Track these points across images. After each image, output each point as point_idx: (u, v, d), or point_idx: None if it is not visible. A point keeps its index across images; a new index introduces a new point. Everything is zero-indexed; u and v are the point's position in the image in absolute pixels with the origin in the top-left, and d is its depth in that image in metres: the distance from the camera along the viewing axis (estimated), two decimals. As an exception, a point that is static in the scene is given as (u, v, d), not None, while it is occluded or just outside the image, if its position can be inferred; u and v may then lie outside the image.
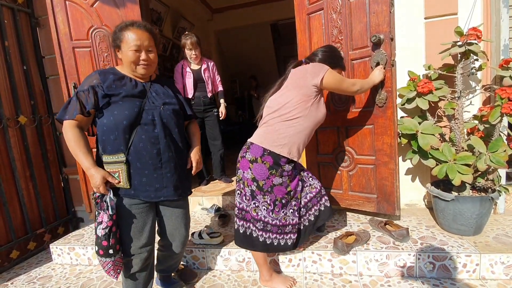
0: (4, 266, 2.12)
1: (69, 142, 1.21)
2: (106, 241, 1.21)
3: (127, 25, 1.26)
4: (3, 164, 2.18)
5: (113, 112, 1.21)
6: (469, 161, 1.60)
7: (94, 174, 1.20)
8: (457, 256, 1.56)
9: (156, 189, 1.30)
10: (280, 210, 1.45)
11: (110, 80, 1.23)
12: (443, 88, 1.77)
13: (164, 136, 1.28)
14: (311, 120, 1.42)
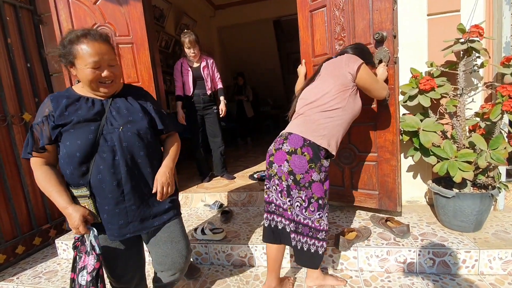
0: (10, 261, 2.16)
1: (39, 184, 1.08)
2: (94, 286, 1.06)
3: (79, 36, 1.04)
4: (8, 161, 2.21)
5: (65, 144, 1.05)
6: (470, 158, 1.61)
7: (72, 213, 1.04)
8: (456, 252, 1.58)
9: (120, 226, 1.11)
10: (316, 211, 1.31)
11: (62, 107, 1.06)
12: (445, 85, 1.78)
13: (126, 163, 1.09)
14: (349, 111, 1.36)
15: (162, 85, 2.52)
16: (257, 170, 3.16)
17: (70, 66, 1.08)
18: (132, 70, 2.26)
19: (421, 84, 1.75)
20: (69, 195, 1.08)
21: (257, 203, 2.47)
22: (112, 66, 1.09)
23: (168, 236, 1.22)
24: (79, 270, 1.08)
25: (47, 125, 1.05)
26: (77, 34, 1.04)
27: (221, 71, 4.08)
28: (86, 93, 1.12)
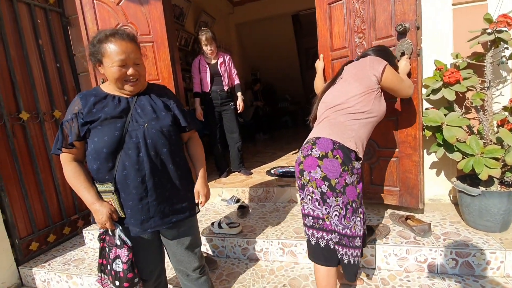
0: (42, 248, 2.32)
1: (68, 179, 1.14)
2: (132, 272, 1.15)
3: (107, 35, 1.09)
4: (41, 156, 2.37)
5: (93, 140, 1.10)
6: (497, 154, 1.53)
7: (99, 209, 1.10)
8: (481, 253, 1.51)
9: (142, 221, 1.15)
10: (351, 216, 1.24)
11: (90, 104, 1.10)
12: (471, 77, 1.69)
13: (150, 160, 1.13)
14: (374, 114, 1.31)
15: (181, 83, 2.58)
16: (274, 166, 3.16)
17: (98, 65, 1.13)
18: (152, 68, 2.34)
19: (445, 77, 1.67)
20: (96, 192, 1.13)
21: (273, 199, 2.48)
22: (138, 65, 1.13)
23: (184, 244, 1.28)
24: (112, 259, 1.15)
25: (76, 122, 1.09)
26: (106, 34, 1.09)
27: (240, 67, 4.10)
28: (113, 91, 1.16)
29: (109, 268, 1.18)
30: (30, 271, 2.08)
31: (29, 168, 2.27)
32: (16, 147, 2.17)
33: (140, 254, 1.22)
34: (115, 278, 1.17)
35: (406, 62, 1.59)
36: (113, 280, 1.18)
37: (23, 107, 2.24)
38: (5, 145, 2.11)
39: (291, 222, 2.05)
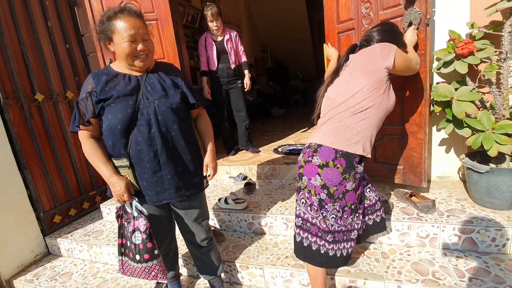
0: (64, 221, 2.51)
1: (87, 155, 1.20)
2: (150, 242, 1.22)
3: (116, 12, 1.11)
4: (57, 135, 2.49)
5: (107, 117, 1.15)
6: (510, 130, 1.46)
7: (116, 182, 1.16)
8: (486, 230, 1.50)
9: (157, 192, 1.23)
10: (349, 216, 1.27)
11: (102, 82, 1.15)
12: (487, 48, 1.58)
13: (161, 135, 1.18)
14: (383, 109, 1.23)
15: (187, 61, 2.58)
16: (282, 144, 3.18)
17: (108, 43, 1.16)
18: (157, 46, 2.33)
19: (458, 48, 1.58)
20: (113, 166, 1.19)
21: (280, 176, 2.51)
22: (146, 41, 1.15)
23: (192, 216, 1.38)
24: (131, 233, 1.23)
25: (90, 100, 1.15)
26: (114, 11, 1.12)
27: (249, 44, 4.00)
28: (123, 70, 1.21)
29: (128, 245, 1.26)
30: (55, 241, 2.27)
31: (47, 147, 2.40)
32: (34, 127, 2.29)
33: (153, 223, 1.29)
34: (135, 252, 1.24)
35: (413, 33, 1.50)
36: (133, 256, 1.25)
37: (38, 89, 2.33)
38: (24, 126, 2.23)
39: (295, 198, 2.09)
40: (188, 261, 1.82)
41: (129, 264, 1.29)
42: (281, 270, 1.59)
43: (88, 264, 2.13)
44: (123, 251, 1.30)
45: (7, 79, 2.15)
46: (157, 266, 1.26)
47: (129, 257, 1.28)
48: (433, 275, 1.40)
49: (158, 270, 1.27)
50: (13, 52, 2.19)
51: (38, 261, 2.25)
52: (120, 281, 1.87)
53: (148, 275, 1.27)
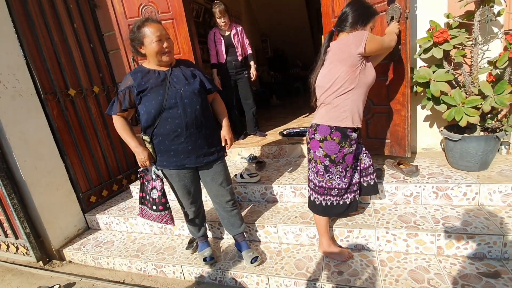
0: (99, 201, 2.86)
1: (118, 130, 1.56)
2: (164, 198, 1.65)
3: (143, 22, 1.45)
4: (88, 126, 2.81)
5: (145, 104, 1.48)
6: (477, 103, 1.77)
7: (141, 151, 1.56)
8: (458, 186, 1.84)
9: (181, 159, 1.57)
10: (352, 175, 1.64)
11: (139, 79, 1.48)
12: (459, 36, 1.88)
13: (186, 115, 1.49)
14: (362, 86, 1.48)
15: (199, 55, 2.87)
16: (286, 128, 3.49)
17: (140, 47, 1.50)
18: (174, 43, 2.62)
19: (434, 37, 1.87)
20: (138, 140, 1.58)
21: (286, 155, 2.84)
22: (168, 39, 1.49)
23: (218, 181, 1.71)
24: (150, 190, 1.66)
25: (129, 94, 1.50)
26: (142, 21, 1.47)
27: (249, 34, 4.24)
28: (153, 67, 1.54)
29: (147, 198, 1.69)
30: (94, 216, 2.62)
31: (81, 136, 2.73)
32: (69, 119, 2.61)
33: (184, 190, 1.69)
34: (152, 204, 1.67)
35: (394, 25, 1.76)
36: (151, 206, 1.69)
37: (70, 85, 2.64)
38: (61, 118, 2.55)
39: (301, 171, 2.43)
40: (213, 225, 2.17)
41: (147, 211, 1.73)
42: (291, 226, 1.94)
43: (126, 234, 2.49)
44: (143, 201, 1.74)
45: (44, 77, 2.45)
46: (168, 215, 1.69)
47: (147, 207, 1.72)
48: (415, 222, 1.75)
49: (168, 218, 1.70)
50: (47, 52, 2.49)
51: (80, 234, 2.62)
52: (156, 244, 2.24)
53: (161, 220, 1.70)
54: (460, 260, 1.61)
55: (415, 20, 2.13)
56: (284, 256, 1.86)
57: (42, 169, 2.34)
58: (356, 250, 1.81)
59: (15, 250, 2.51)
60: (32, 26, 2.37)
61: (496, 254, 1.59)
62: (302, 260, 1.79)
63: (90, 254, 2.28)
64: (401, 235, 1.71)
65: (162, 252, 2.11)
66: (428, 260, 1.64)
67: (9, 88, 2.16)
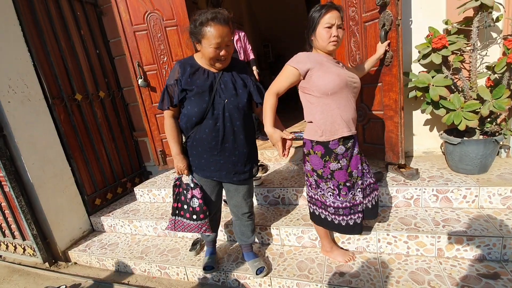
0: (103, 204, 2.90)
1: (166, 130, 1.49)
2: (206, 205, 1.56)
3: (209, 19, 1.25)
4: (93, 130, 2.86)
5: (187, 107, 1.39)
6: (475, 108, 1.81)
7: (181, 159, 1.51)
8: (458, 189, 1.86)
9: (211, 170, 1.51)
10: (348, 193, 1.50)
11: (187, 74, 1.36)
12: (457, 42, 1.92)
13: (224, 129, 1.40)
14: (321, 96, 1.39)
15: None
16: (288, 131, 3.53)
17: (197, 43, 1.36)
18: (178, 49, 2.68)
19: (433, 43, 1.92)
20: (181, 147, 1.51)
21: (288, 158, 2.88)
22: (228, 46, 1.34)
23: (241, 193, 1.65)
24: (189, 199, 1.57)
25: (177, 87, 1.39)
26: (207, 17, 1.26)
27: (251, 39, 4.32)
28: (204, 64, 1.42)
29: (185, 208, 1.60)
30: (99, 219, 2.67)
31: (87, 140, 2.78)
32: (75, 123, 2.66)
33: (207, 191, 1.61)
34: (192, 213, 1.57)
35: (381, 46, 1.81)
36: (190, 215, 1.58)
37: (77, 90, 2.70)
38: (68, 122, 2.61)
39: (303, 174, 2.46)
40: (230, 227, 2.18)
41: (183, 222, 1.64)
42: (294, 228, 1.97)
43: (130, 236, 2.52)
44: (177, 212, 1.65)
45: (52, 82, 2.52)
46: (208, 223, 1.62)
47: (184, 217, 1.62)
48: (415, 225, 1.78)
49: (207, 226, 1.62)
50: (55, 58, 2.55)
51: (85, 236, 2.66)
52: (160, 246, 2.27)
53: (200, 229, 1.62)
54: (460, 261, 1.64)
55: (410, 27, 2.19)
56: (286, 257, 1.89)
57: (49, 172, 2.39)
58: (357, 252, 1.84)
59: (22, 251, 2.55)
60: (40, 32, 2.43)
61: (495, 256, 1.61)
62: (304, 261, 1.82)
63: (95, 256, 2.31)
64: (402, 237, 1.74)
65: (166, 254, 2.14)
66: (428, 262, 1.67)
67: (18, 93, 2.23)
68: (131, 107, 3.25)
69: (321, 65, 1.39)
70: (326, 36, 1.39)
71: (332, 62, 1.45)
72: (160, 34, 2.64)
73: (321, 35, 1.39)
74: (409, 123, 2.40)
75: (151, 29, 2.62)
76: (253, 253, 1.86)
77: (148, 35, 2.63)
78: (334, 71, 1.39)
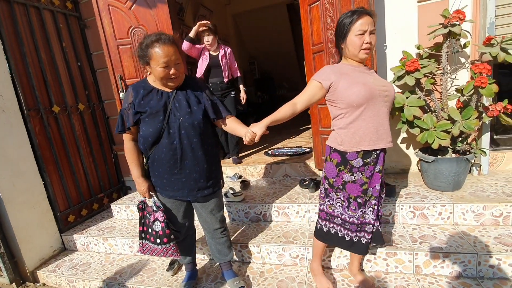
0: (77, 220, 2.76)
1: (126, 154, 1.49)
2: (168, 229, 1.52)
3: (153, 41, 1.29)
4: (70, 143, 2.77)
5: (142, 128, 1.40)
6: (447, 127, 1.90)
7: (142, 182, 1.50)
8: (433, 206, 1.91)
9: (173, 190, 1.49)
10: (358, 209, 1.42)
11: (140, 96, 1.37)
12: (429, 66, 2.03)
13: (182, 147, 1.40)
14: (346, 108, 1.34)
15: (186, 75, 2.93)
16: (271, 147, 3.55)
17: (146, 65, 1.37)
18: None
19: (407, 66, 2.02)
20: (141, 170, 1.50)
21: (270, 174, 2.88)
22: (178, 64, 1.34)
23: (208, 209, 1.61)
24: (152, 222, 1.54)
25: (131, 110, 1.38)
26: (151, 40, 1.30)
27: (237, 57, 4.40)
28: (157, 85, 1.42)
29: (150, 231, 1.56)
30: (72, 237, 2.53)
31: (63, 153, 2.68)
32: (51, 136, 2.57)
33: (172, 211, 1.59)
34: (156, 237, 1.54)
35: None
36: (154, 239, 1.55)
37: (55, 102, 2.63)
38: (44, 134, 2.51)
39: (285, 191, 2.46)
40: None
41: (150, 246, 1.59)
42: (275, 246, 1.94)
43: (104, 255, 2.40)
44: (143, 236, 1.60)
45: (29, 94, 2.44)
46: (173, 247, 1.58)
47: (149, 241, 1.58)
48: (393, 241, 1.80)
49: (173, 250, 1.58)
50: (34, 70, 2.49)
51: (56, 255, 2.50)
52: (135, 265, 2.17)
53: (166, 254, 1.58)
54: (437, 278, 1.65)
55: (384, 51, 2.31)
56: (267, 276, 1.85)
57: (20, 186, 2.26)
58: (338, 270, 1.83)
59: (-17, 273, 2.36)
60: (20, 44, 2.38)
61: (471, 272, 1.64)
62: (285, 280, 1.78)
63: (65, 277, 2.17)
64: (381, 254, 1.75)
65: (142, 274, 2.04)
66: (407, 279, 1.68)
67: (-9, 104, 2.14)
68: (111, 120, 3.18)
69: (346, 76, 1.33)
70: (358, 44, 1.30)
71: (361, 71, 1.37)
72: (144, 48, 2.64)
73: (353, 43, 1.31)
74: (387, 141, 2.47)
75: (135, 44, 2.62)
76: (233, 272, 1.81)
77: (132, 49, 2.63)
78: (360, 81, 1.31)
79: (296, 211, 2.19)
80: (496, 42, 1.88)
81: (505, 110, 1.86)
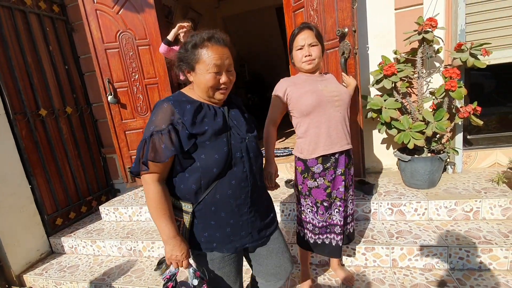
0: (65, 224, 2.77)
1: (149, 202, 0.97)
2: None
3: (204, 40, 0.96)
4: (58, 146, 2.77)
5: (200, 157, 0.96)
6: (422, 129, 2.01)
7: (179, 245, 0.98)
8: (410, 202, 2.02)
9: (242, 237, 1.06)
10: (325, 212, 1.47)
11: (190, 113, 0.96)
12: (405, 70, 2.15)
13: (252, 175, 1.04)
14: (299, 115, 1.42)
15: (175, 79, 2.98)
16: (260, 148, 3.62)
17: (188, 72, 1.01)
18: (150, 67, 2.73)
19: (384, 70, 2.13)
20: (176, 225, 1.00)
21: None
22: (230, 72, 1.02)
23: (278, 247, 1.20)
24: None
25: (175, 134, 0.93)
26: (203, 37, 0.97)
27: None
28: (202, 99, 1.03)
29: None
30: (59, 240, 2.54)
31: (50, 156, 2.69)
32: (38, 139, 2.58)
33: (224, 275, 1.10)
34: None
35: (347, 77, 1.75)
36: None
37: (41, 105, 2.63)
38: (30, 138, 2.52)
39: (271, 191, 2.54)
40: None
41: None
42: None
43: (92, 258, 2.42)
44: None
45: (15, 97, 2.45)
46: None
47: None
48: (372, 237, 1.89)
49: None
50: (20, 73, 2.50)
51: (43, 259, 2.50)
52: (124, 266, 2.20)
53: None
54: (412, 271, 1.76)
55: (367, 53, 2.41)
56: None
57: (6, 190, 2.27)
58: (320, 266, 1.91)
59: (-32, 278, 2.35)
60: (5, 48, 2.39)
61: (443, 264, 1.75)
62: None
63: (52, 279, 2.18)
64: (360, 249, 1.84)
65: (130, 275, 2.08)
66: (384, 272, 1.77)
67: (-24, 107, 2.14)
68: (100, 123, 3.20)
69: (298, 86, 1.41)
70: (299, 57, 1.41)
71: (314, 80, 1.44)
72: (132, 52, 2.68)
73: (296, 56, 1.44)
74: (369, 141, 2.58)
75: (123, 48, 2.66)
76: None
77: (120, 53, 2.67)
78: (309, 89, 1.38)
79: (281, 210, 2.27)
80: (466, 48, 2.01)
81: (475, 111, 1.99)
